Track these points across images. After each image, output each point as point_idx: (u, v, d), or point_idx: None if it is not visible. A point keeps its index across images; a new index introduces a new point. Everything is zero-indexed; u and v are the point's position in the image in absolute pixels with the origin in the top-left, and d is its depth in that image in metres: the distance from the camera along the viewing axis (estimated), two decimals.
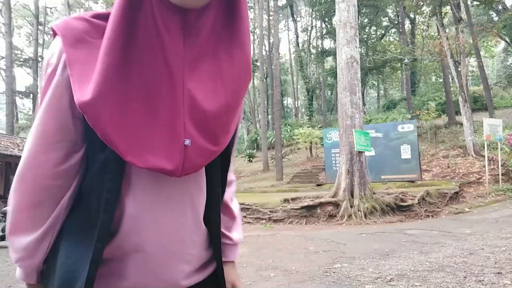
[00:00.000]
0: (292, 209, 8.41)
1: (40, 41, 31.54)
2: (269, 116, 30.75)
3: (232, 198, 0.89)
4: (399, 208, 8.37)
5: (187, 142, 0.61)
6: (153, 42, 0.59)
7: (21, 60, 31.16)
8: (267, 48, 31.41)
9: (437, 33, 20.37)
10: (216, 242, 0.77)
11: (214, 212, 0.74)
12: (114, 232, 0.63)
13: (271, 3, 31.79)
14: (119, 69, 0.57)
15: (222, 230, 0.83)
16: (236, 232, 0.88)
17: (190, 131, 0.61)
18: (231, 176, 0.86)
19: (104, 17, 0.63)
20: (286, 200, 9.03)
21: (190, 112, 0.61)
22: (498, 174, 10.75)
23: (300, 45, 34.98)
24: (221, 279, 0.77)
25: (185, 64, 0.61)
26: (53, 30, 0.63)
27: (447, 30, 17.25)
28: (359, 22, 22.26)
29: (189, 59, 0.61)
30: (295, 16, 35.91)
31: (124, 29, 0.57)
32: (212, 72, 0.63)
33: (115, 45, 0.57)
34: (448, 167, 12.93)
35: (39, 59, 30.60)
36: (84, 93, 0.57)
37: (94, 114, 0.57)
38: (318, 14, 28.59)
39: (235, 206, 0.89)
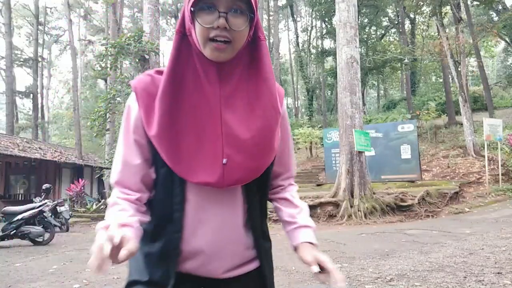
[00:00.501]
0: None
1: (40, 41, 31.50)
2: None
3: (293, 195, 1.02)
4: (399, 208, 8.37)
5: (224, 161, 0.80)
6: (197, 88, 0.81)
7: (21, 60, 31.11)
8: None
9: (437, 33, 20.36)
10: (257, 243, 0.92)
11: (254, 217, 0.90)
12: (183, 226, 0.85)
13: (271, 3, 31.78)
14: (170, 111, 0.80)
15: (287, 218, 0.98)
16: (301, 218, 0.97)
17: (227, 152, 0.81)
18: (289, 181, 1.03)
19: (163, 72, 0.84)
20: None
21: (226, 138, 0.81)
22: (498, 174, 10.74)
23: (300, 45, 34.95)
24: (264, 275, 0.93)
25: (221, 102, 0.81)
26: (131, 85, 0.88)
27: (447, 30, 17.23)
28: (359, 22, 22.21)
29: (225, 98, 0.82)
30: (295, 16, 35.88)
31: (173, 80, 0.80)
32: (243, 105, 0.83)
33: (166, 94, 0.80)
34: (448, 167, 12.92)
35: (39, 59, 30.57)
36: (150, 129, 0.81)
37: (157, 145, 0.81)
38: (318, 14, 28.57)
39: (297, 200, 1.01)
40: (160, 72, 0.84)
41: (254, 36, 0.83)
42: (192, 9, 0.76)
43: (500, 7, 19.28)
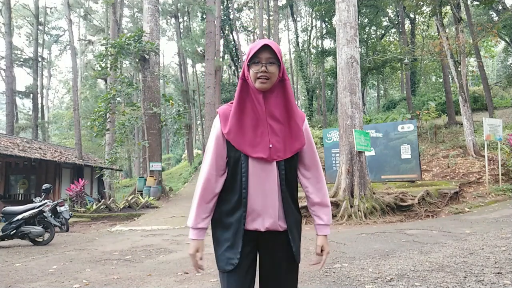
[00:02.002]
0: None
1: (40, 41, 31.50)
2: None
3: (322, 199, 1.54)
4: (399, 208, 8.36)
5: (271, 145, 1.41)
6: (252, 107, 1.42)
7: (21, 60, 31.08)
8: None
9: (437, 33, 20.36)
10: (285, 207, 1.44)
11: (284, 189, 1.43)
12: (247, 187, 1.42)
13: (271, 3, 31.75)
14: (238, 119, 1.42)
15: (314, 216, 1.55)
16: (320, 218, 1.54)
17: (271, 141, 1.42)
18: (317, 179, 1.56)
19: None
20: None
21: (271, 134, 1.42)
22: (498, 174, 10.74)
23: (300, 45, 34.94)
24: (290, 234, 1.45)
25: (266, 114, 1.43)
26: (218, 112, 1.49)
27: (447, 30, 17.23)
28: (359, 22, 22.22)
29: (268, 111, 1.43)
30: (295, 16, 35.87)
31: (240, 105, 1.42)
32: (279, 115, 1.44)
33: (236, 111, 1.43)
34: (448, 167, 12.92)
35: (39, 59, 30.56)
36: (224, 130, 1.43)
37: (229, 137, 1.42)
38: (318, 14, 28.56)
39: (322, 200, 1.54)
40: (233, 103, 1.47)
41: (283, 77, 1.44)
42: (248, 63, 1.41)
43: (500, 7, 19.28)
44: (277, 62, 1.39)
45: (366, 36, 27.07)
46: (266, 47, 1.38)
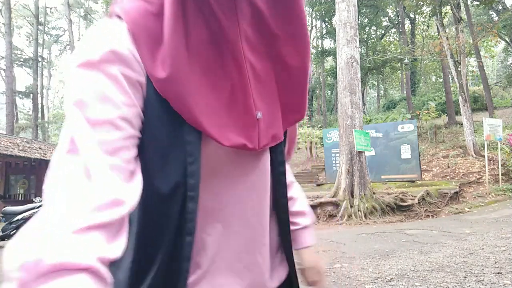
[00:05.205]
0: None
1: (40, 41, 31.52)
2: None
3: (292, 181, 0.82)
4: (399, 208, 8.36)
5: (259, 115, 0.58)
6: (209, 20, 0.54)
7: (21, 60, 31.12)
8: None
9: (437, 33, 20.37)
10: (284, 230, 0.69)
11: (281, 194, 0.67)
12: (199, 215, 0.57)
13: None
14: (184, 49, 0.52)
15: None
16: (302, 217, 0.81)
17: (258, 104, 0.58)
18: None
19: None
20: None
21: (254, 84, 0.57)
22: (498, 174, 10.74)
23: None
24: (294, 283, 0.71)
25: (241, 37, 0.56)
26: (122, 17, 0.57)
27: (447, 30, 17.23)
28: (359, 22, 22.22)
29: (245, 33, 0.56)
30: None
31: (181, 10, 0.52)
32: (265, 45, 0.59)
33: (176, 26, 0.51)
34: (448, 167, 12.92)
35: (39, 59, 30.58)
36: (155, 69, 0.52)
37: (168, 94, 0.52)
38: (318, 14, 28.57)
39: (295, 189, 0.83)
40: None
41: None
42: None
43: (500, 7, 19.30)
44: None
45: (366, 36, 27.08)
46: None
